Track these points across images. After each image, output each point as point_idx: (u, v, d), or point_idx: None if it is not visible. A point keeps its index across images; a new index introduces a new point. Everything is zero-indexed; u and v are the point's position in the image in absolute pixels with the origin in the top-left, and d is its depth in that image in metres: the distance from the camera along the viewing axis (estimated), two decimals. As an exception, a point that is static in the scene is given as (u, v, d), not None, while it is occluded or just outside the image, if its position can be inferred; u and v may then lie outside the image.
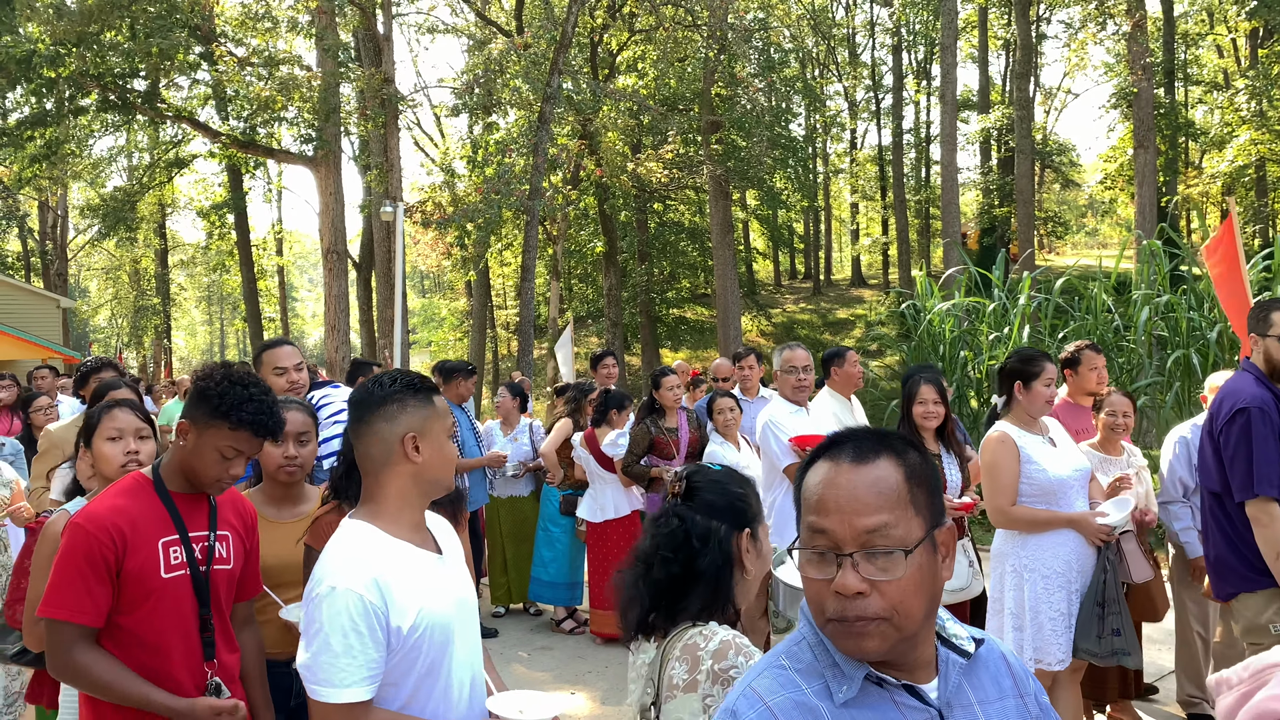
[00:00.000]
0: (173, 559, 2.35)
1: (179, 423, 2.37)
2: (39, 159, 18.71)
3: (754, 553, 1.86)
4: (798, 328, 38.01)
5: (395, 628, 1.92)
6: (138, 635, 2.30)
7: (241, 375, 2.39)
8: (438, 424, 2.07)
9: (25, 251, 35.51)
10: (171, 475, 2.42)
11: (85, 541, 2.24)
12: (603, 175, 19.66)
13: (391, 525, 2.03)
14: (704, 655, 1.68)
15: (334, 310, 17.82)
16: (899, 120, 37.94)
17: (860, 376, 5.33)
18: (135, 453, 2.82)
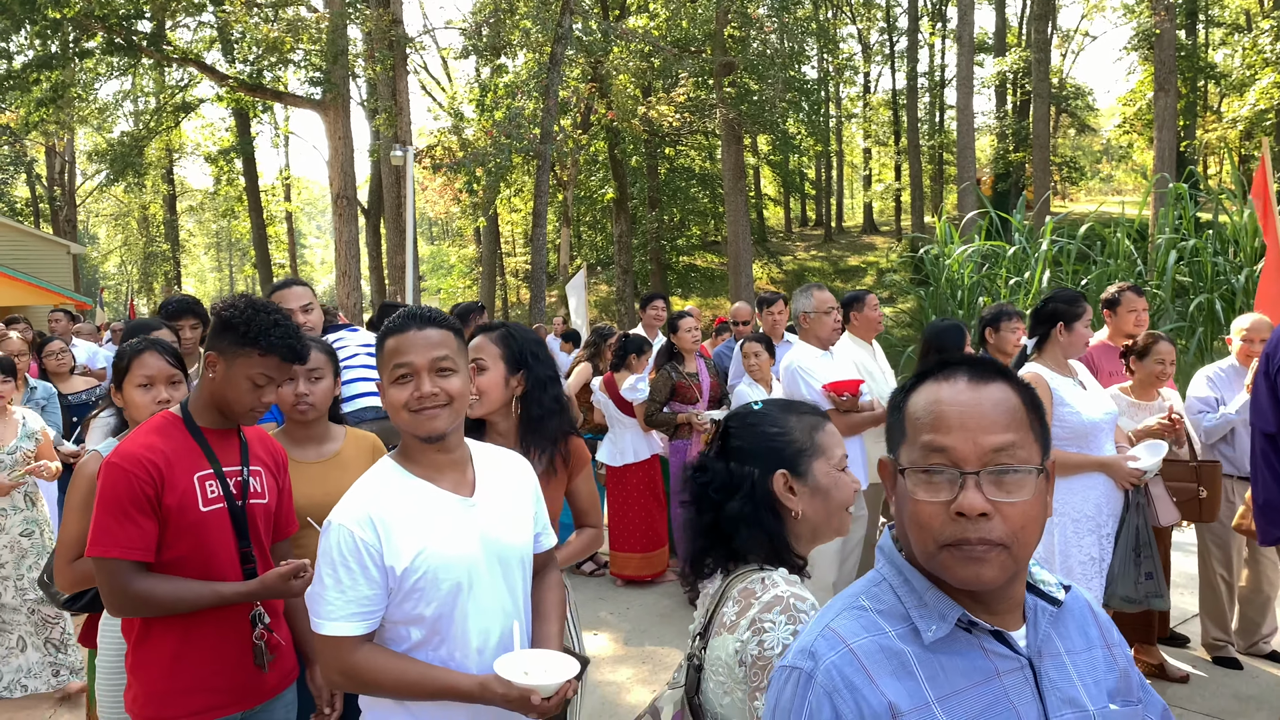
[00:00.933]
0: (209, 493, 2.34)
1: (206, 355, 2.33)
2: (45, 102, 18.53)
3: (805, 492, 1.76)
4: (809, 275, 37.77)
5: (390, 567, 1.88)
6: (184, 571, 2.30)
7: (264, 302, 2.36)
8: (383, 371, 1.99)
9: (34, 197, 35.42)
10: (201, 410, 2.40)
11: (124, 479, 2.22)
12: (614, 119, 19.38)
13: (411, 464, 2.00)
14: (755, 603, 1.63)
15: (344, 256, 17.75)
16: (914, 64, 37.33)
17: (881, 320, 5.23)
18: (166, 402, 2.77)
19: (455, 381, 1.97)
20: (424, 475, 1.99)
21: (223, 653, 2.34)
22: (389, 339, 1.97)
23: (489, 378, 2.65)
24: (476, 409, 2.63)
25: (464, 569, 1.94)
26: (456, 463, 2.04)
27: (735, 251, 23.92)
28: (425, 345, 1.95)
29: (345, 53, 17.24)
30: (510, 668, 1.87)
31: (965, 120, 22.83)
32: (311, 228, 64.85)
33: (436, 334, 1.97)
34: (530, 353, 2.69)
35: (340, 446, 2.95)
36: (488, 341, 2.67)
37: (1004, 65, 34.27)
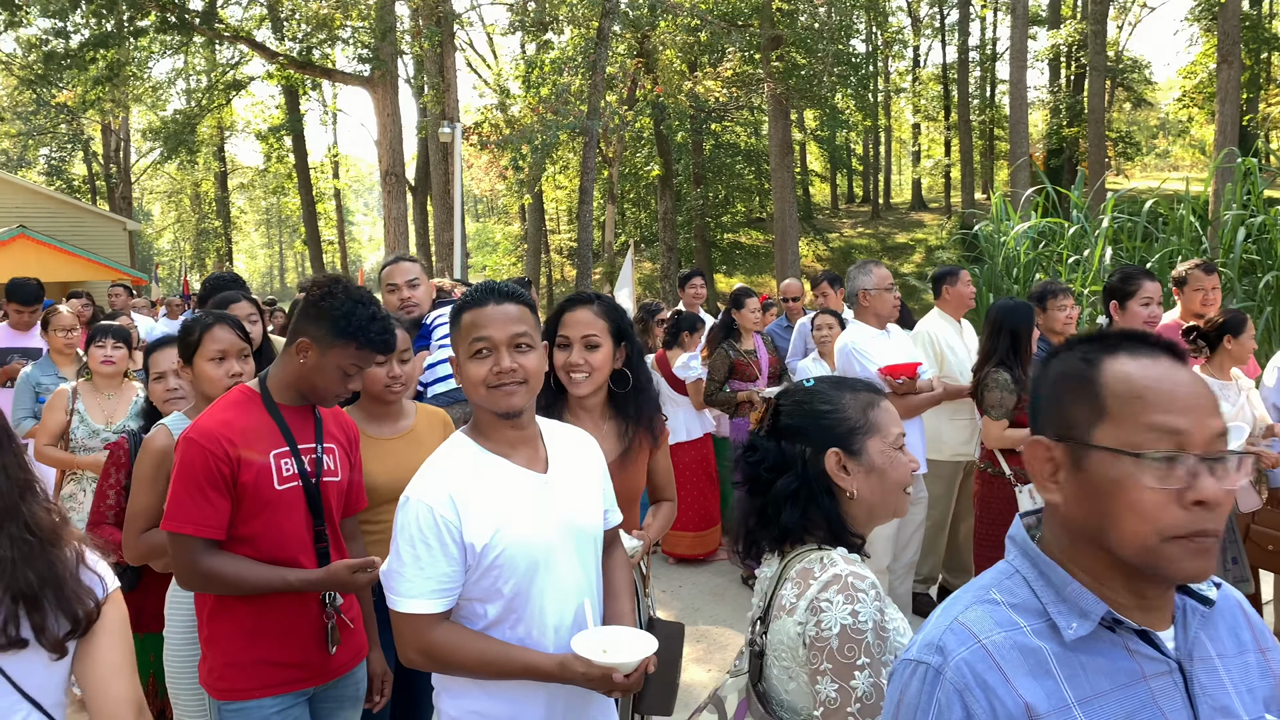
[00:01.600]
0: (284, 471, 2.34)
1: (299, 341, 2.32)
2: (101, 81, 18.82)
3: (860, 471, 1.71)
4: (856, 252, 37.34)
5: (469, 544, 1.86)
6: (257, 548, 2.31)
7: (362, 293, 2.35)
8: (459, 345, 1.97)
9: (90, 175, 36.09)
10: (280, 388, 2.39)
11: (200, 455, 2.23)
12: (662, 93, 19.23)
13: (486, 440, 1.98)
14: (814, 584, 1.59)
15: (393, 233, 17.87)
16: (965, 37, 36.55)
17: (973, 296, 5.12)
18: (239, 375, 2.78)
19: (532, 358, 1.94)
20: (499, 451, 1.97)
21: (295, 630, 2.36)
22: (467, 313, 1.95)
23: (602, 354, 2.59)
24: (584, 386, 2.57)
25: (541, 547, 1.93)
26: (529, 439, 2.02)
27: (781, 229, 23.68)
28: (504, 320, 1.92)
29: (394, 29, 17.28)
30: (588, 646, 1.85)
31: (1018, 94, 22.36)
32: (358, 205, 65.44)
33: (515, 309, 1.95)
34: (627, 323, 2.66)
35: (413, 422, 2.96)
36: (595, 316, 2.60)
37: (1058, 38, 33.46)
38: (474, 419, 2.02)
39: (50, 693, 1.60)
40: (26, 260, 19.48)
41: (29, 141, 33.74)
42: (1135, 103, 41.10)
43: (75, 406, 4.10)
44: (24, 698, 1.55)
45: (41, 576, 1.55)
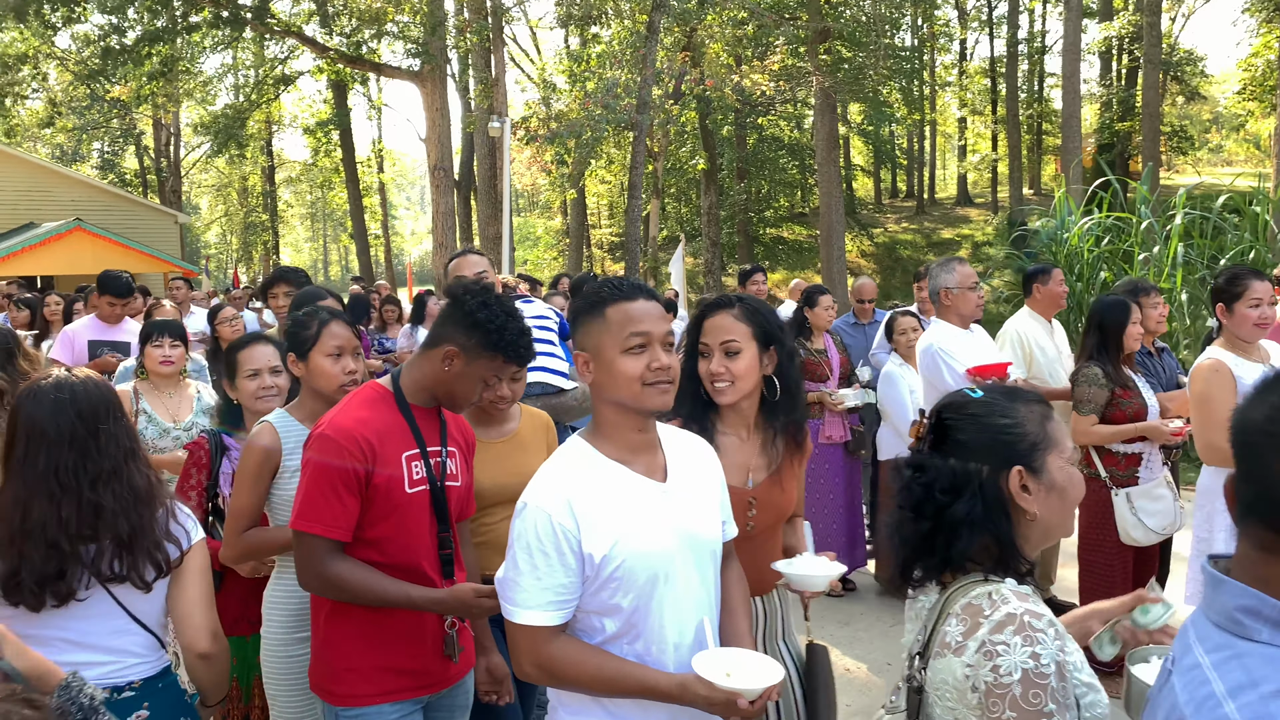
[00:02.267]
0: (415, 474, 2.30)
1: (446, 348, 2.26)
2: (155, 76, 19.07)
3: (1040, 490, 1.57)
4: (900, 248, 36.95)
5: (588, 554, 1.78)
6: (383, 551, 2.27)
7: (509, 305, 2.30)
8: (605, 338, 1.85)
9: (142, 169, 36.67)
10: (415, 390, 2.35)
11: (337, 453, 2.19)
12: (713, 85, 19.09)
13: (605, 444, 1.89)
14: (985, 622, 1.47)
15: (441, 227, 17.93)
16: (1014, 29, 35.93)
17: (1065, 295, 4.98)
18: (354, 373, 2.73)
19: (675, 360, 1.88)
20: (618, 458, 1.89)
21: (416, 636, 2.31)
22: (614, 305, 1.86)
23: (745, 360, 2.37)
24: (728, 395, 2.38)
25: (662, 559, 1.84)
26: (650, 445, 1.94)
27: (827, 224, 23.44)
28: (658, 317, 1.86)
29: (444, 23, 17.32)
30: (710, 668, 1.75)
31: (1071, 88, 21.93)
32: (400, 199, 65.93)
33: (659, 309, 1.89)
34: (775, 325, 2.45)
35: (518, 426, 2.93)
36: (734, 320, 2.41)
37: (1110, 30, 32.79)
38: (595, 422, 1.93)
39: (152, 616, 2.15)
40: (82, 253, 19.83)
41: (83, 136, 34.34)
42: (1188, 96, 40.24)
43: (141, 407, 4.00)
44: (133, 619, 2.11)
45: (134, 527, 2.06)
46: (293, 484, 2.61)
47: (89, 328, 5.82)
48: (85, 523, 2.00)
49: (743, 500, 2.36)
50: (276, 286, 4.62)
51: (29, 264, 20.21)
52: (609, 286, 1.91)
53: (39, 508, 1.98)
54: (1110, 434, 4.02)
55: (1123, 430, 4.00)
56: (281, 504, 2.67)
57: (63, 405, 2.04)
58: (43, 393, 2.06)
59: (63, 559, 1.98)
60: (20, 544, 1.96)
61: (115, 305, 5.80)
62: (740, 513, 2.34)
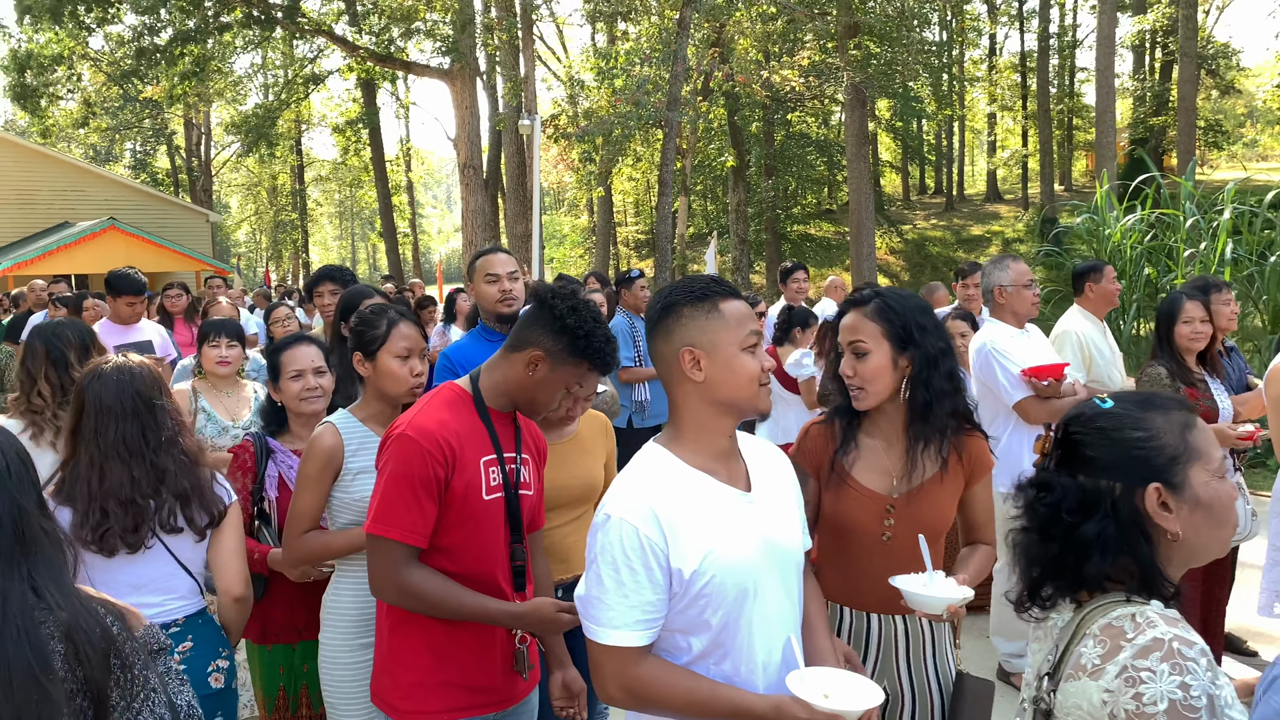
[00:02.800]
0: (491, 480, 2.21)
1: (531, 353, 2.17)
2: (188, 76, 19.21)
3: (1182, 507, 1.45)
4: (929, 244, 36.65)
5: (676, 569, 1.69)
6: (456, 560, 2.18)
7: (596, 311, 2.22)
8: (725, 334, 1.75)
9: (173, 168, 37.03)
10: (494, 394, 2.26)
11: (419, 456, 2.09)
12: (745, 81, 18.98)
13: (689, 452, 1.80)
14: (1127, 646, 1.36)
15: (470, 225, 17.93)
16: (1045, 23, 35.51)
17: (1118, 293, 4.84)
18: (421, 375, 2.66)
19: None
20: (702, 466, 1.80)
21: (485, 652, 2.23)
22: (729, 300, 1.80)
23: (874, 362, 2.24)
24: (860, 399, 2.28)
25: (750, 573, 1.75)
26: (734, 452, 1.87)
27: (857, 221, 23.24)
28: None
29: (473, 21, 17.32)
30: (806, 688, 1.67)
31: (1105, 83, 21.61)
32: (427, 197, 66.20)
33: None
34: (916, 324, 2.26)
35: (578, 427, 2.86)
36: (864, 318, 2.27)
37: (1144, 24, 32.35)
38: (676, 428, 1.84)
39: (196, 564, 2.52)
40: (116, 251, 20.02)
41: (116, 136, 34.71)
42: (1223, 90, 39.66)
43: (200, 405, 3.93)
44: (180, 566, 2.48)
45: (192, 484, 2.45)
46: (355, 487, 2.57)
47: (104, 332, 5.41)
48: (152, 482, 2.39)
49: (879, 507, 2.29)
50: (321, 285, 4.54)
51: (63, 263, 20.45)
52: (709, 283, 1.83)
53: (114, 471, 2.35)
54: None
55: None
56: (341, 507, 2.62)
57: (124, 385, 2.42)
58: (106, 375, 2.43)
59: (139, 513, 2.35)
60: (103, 501, 2.31)
61: (134, 304, 5.63)
62: (876, 519, 2.29)
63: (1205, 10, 38.13)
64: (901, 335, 2.25)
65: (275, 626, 2.89)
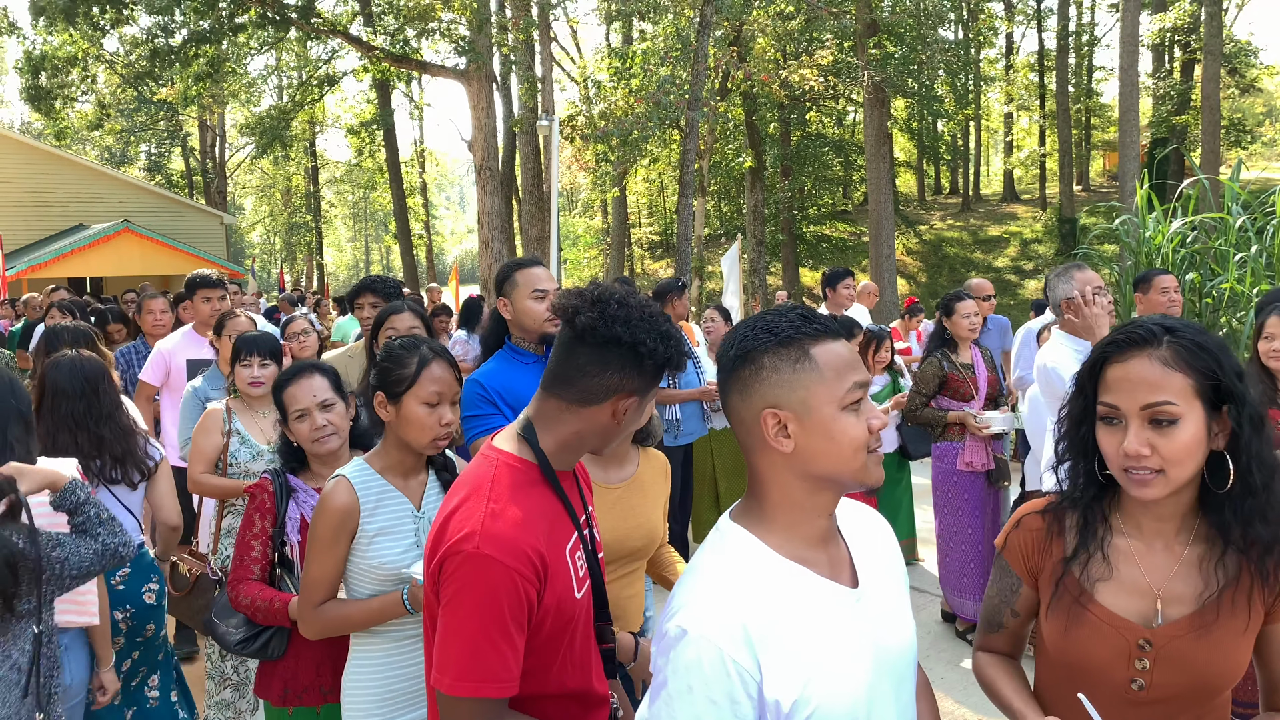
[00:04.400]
0: (579, 569, 1.76)
1: (618, 402, 1.70)
2: (203, 77, 19.06)
3: None
4: (947, 245, 36.37)
5: (772, 701, 1.33)
6: (549, 680, 1.74)
7: (646, 307, 1.73)
8: (819, 391, 1.37)
9: (188, 170, 36.99)
10: (561, 453, 1.75)
11: (508, 582, 1.57)
12: (767, 79, 18.72)
13: (781, 539, 1.43)
14: None
15: (487, 228, 17.71)
16: (1064, 22, 35.14)
17: (1171, 305, 4.53)
18: (450, 424, 2.28)
19: None
20: (797, 556, 1.43)
21: None
22: (823, 343, 1.40)
23: (1185, 435, 1.52)
24: (1154, 488, 1.56)
25: (862, 697, 1.40)
26: (834, 534, 1.50)
27: (876, 222, 22.95)
28: (861, 363, 1.45)
29: (490, 20, 17.11)
30: None
31: (1129, 81, 21.26)
32: (440, 199, 66.16)
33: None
34: (1231, 367, 1.56)
35: (638, 469, 2.54)
36: (1164, 368, 1.54)
37: (1165, 22, 31.98)
38: (759, 504, 1.46)
39: (136, 508, 3.28)
40: (130, 253, 19.91)
41: (131, 138, 34.67)
42: (1243, 89, 39.21)
43: (234, 427, 3.66)
44: (124, 508, 3.22)
45: (125, 449, 3.20)
46: (374, 551, 2.26)
47: (186, 343, 5.02)
48: (93, 447, 3.13)
49: (1130, 643, 1.61)
50: (362, 297, 4.27)
51: (78, 265, 20.35)
52: (797, 320, 1.42)
53: (63, 438, 3.09)
54: None
55: None
56: (360, 574, 2.30)
57: (75, 371, 3.15)
58: (61, 363, 3.17)
59: (83, 471, 2.94)
60: None
61: (210, 300, 4.97)
62: (1123, 660, 1.62)
63: (1224, 8, 37.69)
64: (1215, 387, 1.55)
65: (298, 687, 2.56)
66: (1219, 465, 1.57)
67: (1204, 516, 1.61)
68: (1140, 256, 9.28)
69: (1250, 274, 7.88)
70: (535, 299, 3.10)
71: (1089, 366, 1.65)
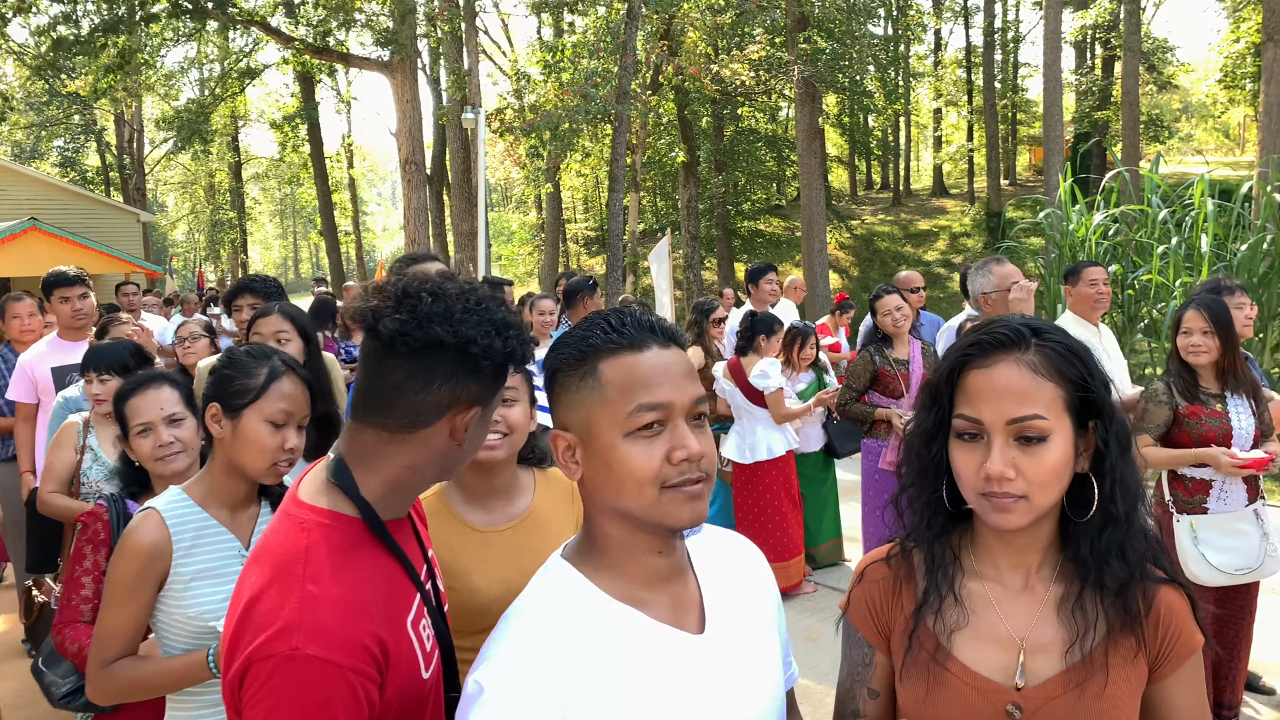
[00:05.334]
0: (425, 641, 1.39)
1: (455, 417, 1.34)
2: (112, 69, 18.30)
3: None
4: (878, 240, 36.72)
5: None
6: None
7: (461, 290, 1.35)
8: (601, 414, 1.17)
9: (104, 166, 35.69)
10: (393, 500, 1.37)
11: (344, 689, 1.18)
12: (697, 73, 18.59)
13: (608, 576, 1.22)
14: None
15: (413, 223, 17.31)
16: (990, 19, 35.72)
17: (1107, 297, 4.43)
18: (293, 452, 1.97)
19: (709, 442, 1.20)
20: (628, 597, 1.21)
21: None
22: (616, 356, 1.18)
23: (1052, 455, 1.30)
24: (1015, 516, 1.31)
25: None
26: (677, 570, 1.26)
27: (808, 217, 23.00)
28: (681, 375, 1.19)
29: (414, 10, 16.70)
30: None
31: (1053, 77, 21.58)
32: (370, 194, 65.03)
33: (684, 360, 1.21)
34: (1099, 375, 1.35)
35: (533, 500, 2.08)
36: (1030, 374, 1.31)
37: (1086, 19, 32.71)
38: (587, 538, 1.26)
39: None
40: (38, 253, 19.03)
41: (42, 133, 33.31)
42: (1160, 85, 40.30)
43: (87, 442, 3.32)
44: None
45: None
46: (189, 598, 1.94)
47: (50, 351, 4.63)
48: None
49: (997, 708, 1.36)
50: (240, 299, 3.94)
51: (-19, 266, 19.40)
52: (602, 326, 1.21)
53: None
54: (1162, 459, 3.55)
55: (1177, 456, 3.52)
56: (171, 626, 1.95)
57: None
58: None
59: None
60: None
61: (70, 299, 4.59)
62: None
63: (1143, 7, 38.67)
64: (1084, 399, 1.33)
65: None
66: (1080, 489, 1.35)
67: (1066, 551, 1.38)
68: (1064, 249, 9.35)
69: (1171, 266, 7.96)
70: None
71: (944, 373, 1.38)
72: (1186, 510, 3.56)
